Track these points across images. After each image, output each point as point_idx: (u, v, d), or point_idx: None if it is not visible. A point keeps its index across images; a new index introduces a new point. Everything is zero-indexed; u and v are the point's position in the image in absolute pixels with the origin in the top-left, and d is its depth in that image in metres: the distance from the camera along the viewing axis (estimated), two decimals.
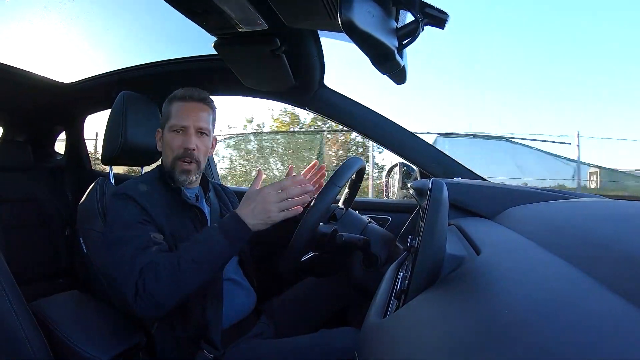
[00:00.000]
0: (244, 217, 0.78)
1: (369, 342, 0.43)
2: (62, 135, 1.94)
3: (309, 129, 7.03)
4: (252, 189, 0.81)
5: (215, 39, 1.03)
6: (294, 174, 0.88)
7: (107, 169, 1.25)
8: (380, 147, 1.28)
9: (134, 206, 0.86)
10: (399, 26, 0.61)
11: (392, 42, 0.56)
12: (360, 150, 6.46)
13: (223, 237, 0.77)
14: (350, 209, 1.08)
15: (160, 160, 1.03)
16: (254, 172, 5.62)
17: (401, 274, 0.62)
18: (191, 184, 0.98)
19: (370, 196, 5.08)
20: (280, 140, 6.84)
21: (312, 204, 0.83)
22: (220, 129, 6.81)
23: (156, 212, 0.87)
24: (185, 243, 0.80)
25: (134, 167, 1.43)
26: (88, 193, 1.12)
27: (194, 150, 0.93)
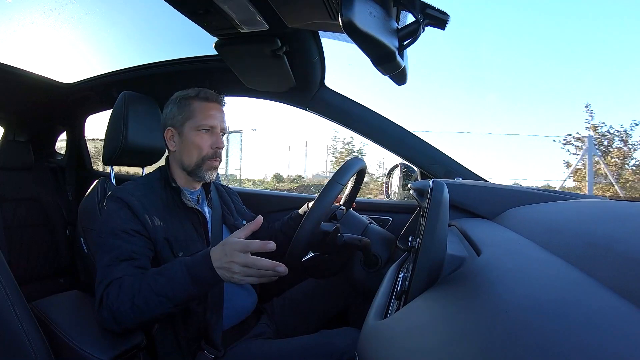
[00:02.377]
0: (214, 262, 0.70)
1: (370, 342, 0.43)
2: (63, 135, 1.95)
3: None
4: (234, 234, 0.72)
5: (216, 39, 1.03)
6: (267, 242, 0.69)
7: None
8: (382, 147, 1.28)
9: (126, 213, 0.85)
10: (399, 27, 0.61)
11: (392, 43, 0.56)
12: None
13: (187, 276, 0.71)
14: (350, 209, 1.08)
15: (164, 160, 1.02)
16: None
17: (402, 274, 0.62)
18: (197, 182, 1.00)
19: None
20: None
21: (314, 201, 0.83)
22: None
23: (152, 217, 0.87)
24: (155, 269, 0.77)
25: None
26: (89, 193, 1.12)
27: (222, 149, 0.97)
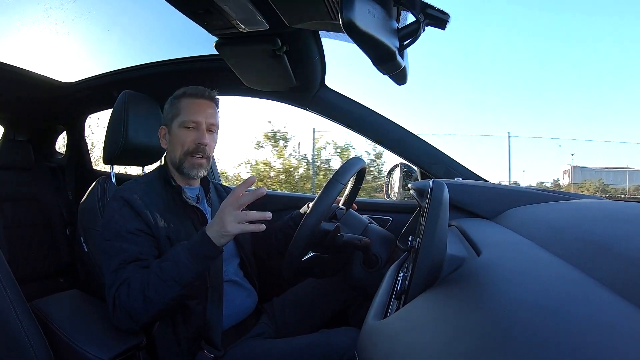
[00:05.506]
0: (208, 231, 0.76)
1: (369, 342, 0.43)
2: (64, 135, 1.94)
3: None
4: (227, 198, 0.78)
5: (216, 39, 1.03)
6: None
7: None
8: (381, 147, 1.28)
9: (128, 211, 0.86)
10: (400, 27, 0.61)
11: (393, 43, 0.56)
12: None
13: (188, 254, 0.76)
14: (350, 209, 1.08)
15: (162, 159, 1.03)
16: None
17: (401, 274, 0.61)
18: (196, 181, 0.99)
19: None
20: None
21: (315, 200, 0.83)
22: None
23: (154, 215, 0.87)
24: (157, 260, 0.80)
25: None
26: (89, 192, 1.12)
27: (206, 145, 0.94)
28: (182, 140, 0.94)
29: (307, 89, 1.23)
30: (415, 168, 1.28)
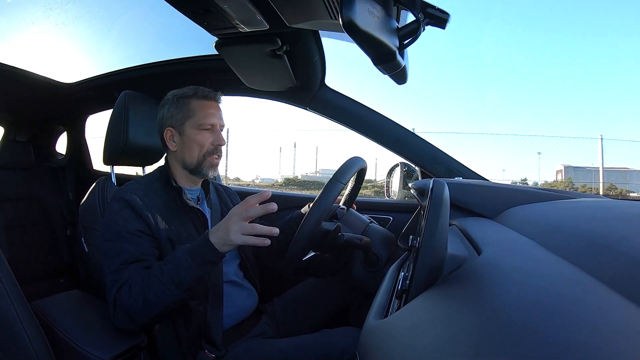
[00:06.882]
0: (211, 236, 0.75)
1: (370, 342, 0.43)
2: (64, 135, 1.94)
3: None
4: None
5: (216, 39, 1.03)
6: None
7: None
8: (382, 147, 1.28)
9: (129, 212, 0.86)
10: (400, 26, 0.61)
11: (393, 42, 0.56)
12: None
13: (189, 258, 0.75)
14: (351, 209, 1.08)
15: (164, 160, 1.02)
16: None
17: (402, 274, 0.61)
18: (198, 182, 1.01)
19: None
20: None
21: (315, 200, 0.83)
22: None
23: (154, 216, 0.87)
24: (160, 262, 0.80)
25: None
26: (89, 193, 1.12)
27: (223, 145, 0.98)
28: (201, 142, 0.94)
29: (307, 88, 1.23)
30: (416, 167, 1.28)
